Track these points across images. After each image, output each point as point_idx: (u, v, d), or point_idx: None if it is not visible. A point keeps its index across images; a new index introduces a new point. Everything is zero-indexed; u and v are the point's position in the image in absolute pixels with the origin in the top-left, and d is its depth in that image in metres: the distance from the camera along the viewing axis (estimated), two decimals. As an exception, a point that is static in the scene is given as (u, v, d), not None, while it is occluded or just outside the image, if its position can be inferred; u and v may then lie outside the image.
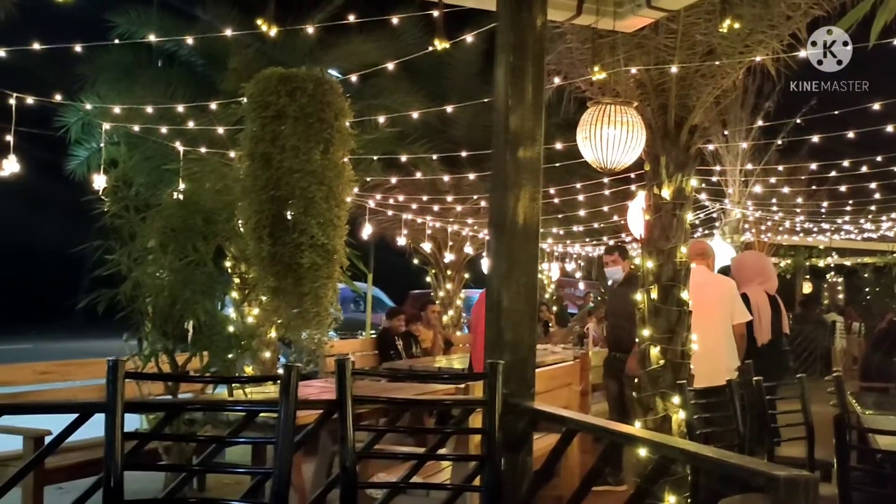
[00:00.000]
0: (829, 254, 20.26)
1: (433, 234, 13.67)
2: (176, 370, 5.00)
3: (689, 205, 6.35)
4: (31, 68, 7.51)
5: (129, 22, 9.55)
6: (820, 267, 21.82)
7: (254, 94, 3.83)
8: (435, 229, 13.59)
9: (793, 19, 5.79)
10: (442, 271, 14.34)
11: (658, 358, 6.11)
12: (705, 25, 5.64)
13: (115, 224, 5.07)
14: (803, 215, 13.13)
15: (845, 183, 10.61)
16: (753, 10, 5.60)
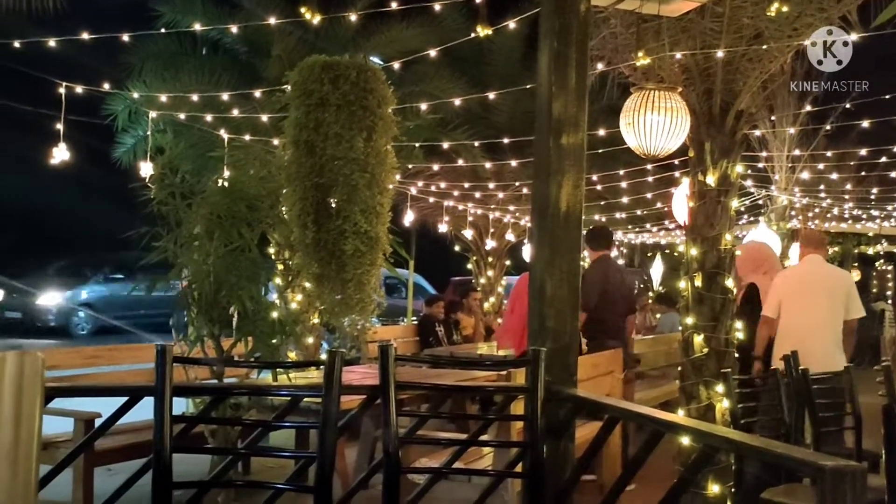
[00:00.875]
0: (879, 241, 19.83)
1: (475, 220, 13.66)
2: (221, 355, 5.07)
3: (734, 191, 6.27)
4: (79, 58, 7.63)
5: (174, 10, 9.65)
6: (869, 255, 21.37)
7: (297, 82, 3.85)
8: (476, 216, 13.57)
9: (843, 2, 5.67)
10: (483, 258, 14.33)
11: (701, 346, 6.06)
12: (752, 9, 5.55)
13: (162, 211, 5.15)
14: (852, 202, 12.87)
15: (895, 169, 10.38)
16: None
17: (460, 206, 12.89)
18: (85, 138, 8.49)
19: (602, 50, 6.65)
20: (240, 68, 9.60)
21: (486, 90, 8.51)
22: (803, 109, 9.87)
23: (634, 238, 19.97)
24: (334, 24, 8.84)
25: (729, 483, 4.95)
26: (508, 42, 10.53)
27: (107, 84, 8.36)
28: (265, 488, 3.32)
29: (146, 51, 9.40)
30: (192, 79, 8.99)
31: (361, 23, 9.22)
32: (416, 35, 9.56)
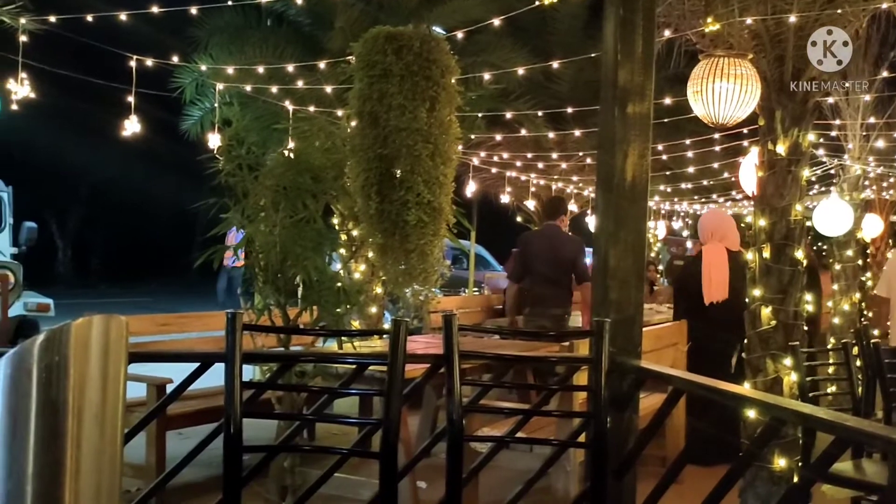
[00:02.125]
0: (958, 212, 19.14)
1: (537, 191, 13.58)
2: (287, 324, 5.18)
3: (805, 161, 6.11)
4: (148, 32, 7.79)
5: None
6: (947, 226, 20.65)
7: (361, 54, 3.87)
8: (539, 187, 13.49)
9: (924, -37, 5.45)
10: (545, 229, 14.24)
11: (769, 318, 5.95)
12: (827, -28, 5.36)
13: (229, 182, 5.25)
14: (929, 171, 12.43)
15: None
16: (880, -46, 5.29)
17: (522, 177, 12.83)
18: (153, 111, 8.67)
19: (669, 17, 6.50)
20: (303, 40, 9.66)
21: (549, 59, 8.41)
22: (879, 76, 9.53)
23: (700, 209, 19.62)
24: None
25: (796, 457, 4.89)
26: (571, 10, 10.37)
27: (174, 58, 8.52)
28: (332, 454, 3.39)
29: (212, 24, 9.51)
30: (257, 51, 9.08)
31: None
32: (477, 4, 9.47)
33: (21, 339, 8.35)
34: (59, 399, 1.06)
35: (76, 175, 28.67)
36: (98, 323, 1.11)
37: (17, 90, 6.39)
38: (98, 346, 1.11)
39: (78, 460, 1.07)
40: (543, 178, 13.09)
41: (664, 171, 11.83)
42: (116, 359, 1.13)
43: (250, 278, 5.36)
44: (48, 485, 1.06)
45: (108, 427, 1.10)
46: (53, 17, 6.19)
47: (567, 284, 7.89)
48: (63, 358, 1.06)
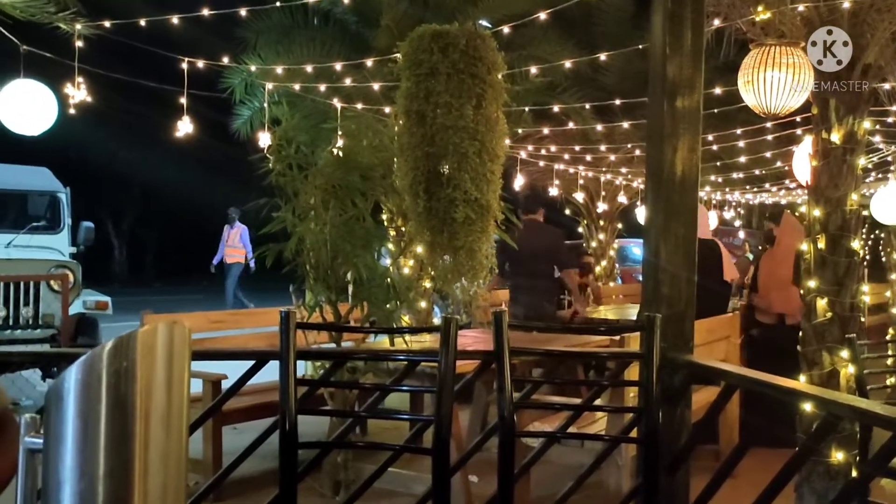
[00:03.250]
0: None
1: (585, 183, 13.50)
2: (339, 320, 5.24)
3: (860, 149, 5.98)
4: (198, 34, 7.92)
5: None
6: None
7: (407, 53, 3.89)
8: (587, 179, 13.41)
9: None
10: (594, 221, 14.18)
11: (825, 310, 5.85)
12: (881, -44, 5.24)
13: (280, 182, 5.33)
14: None
15: None
16: (937, -65, 5.16)
17: (571, 169, 12.76)
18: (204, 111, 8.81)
19: (718, 6, 6.42)
20: (350, 39, 9.74)
21: (596, 51, 8.35)
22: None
23: (752, 199, 19.32)
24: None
25: (854, 452, 4.80)
26: (617, 1, 10.29)
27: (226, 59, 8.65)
28: (385, 449, 3.43)
29: (261, 25, 9.64)
30: (304, 51, 9.18)
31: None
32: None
33: (81, 336, 8.62)
34: (128, 402, 1.11)
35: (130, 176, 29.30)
36: (162, 330, 1.15)
37: (74, 94, 6.54)
38: (163, 351, 1.15)
39: (146, 461, 1.12)
40: (592, 170, 13.01)
41: (715, 161, 11.67)
42: (180, 363, 1.18)
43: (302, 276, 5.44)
44: (118, 485, 1.11)
45: (173, 429, 1.15)
46: (108, 21, 6.33)
47: (548, 274, 8.24)
48: (131, 363, 1.10)
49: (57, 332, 8.01)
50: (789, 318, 7.24)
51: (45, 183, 10.33)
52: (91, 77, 6.90)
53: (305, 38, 9.47)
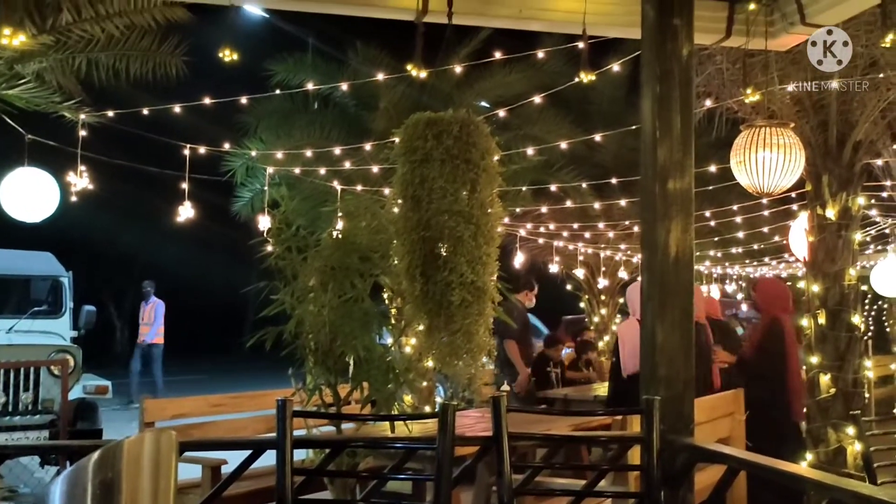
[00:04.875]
0: None
1: (585, 259, 13.55)
2: (339, 402, 5.20)
3: (855, 224, 6.05)
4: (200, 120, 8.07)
5: (287, 69, 10.08)
6: None
7: (402, 140, 3.95)
8: (587, 255, 13.46)
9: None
10: (595, 297, 14.18)
11: (828, 386, 5.84)
12: (866, 37, 5.39)
13: (279, 265, 5.35)
14: None
15: None
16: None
17: (570, 246, 12.83)
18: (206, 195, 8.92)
19: (709, 86, 6.56)
20: (349, 122, 9.92)
21: (591, 130, 8.50)
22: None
23: (753, 272, 19.33)
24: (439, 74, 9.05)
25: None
26: (612, 80, 10.49)
27: (227, 142, 8.80)
28: (383, 538, 3.37)
29: (261, 109, 9.83)
30: (305, 133, 9.35)
31: (465, 70, 9.40)
32: (519, 79, 9.66)
33: (81, 421, 8.55)
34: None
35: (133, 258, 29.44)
36: (149, 439, 1.16)
37: (76, 182, 6.63)
38: (149, 461, 1.15)
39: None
40: (591, 247, 13.07)
41: (713, 236, 11.73)
42: (167, 472, 1.18)
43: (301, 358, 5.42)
44: None
45: (157, 541, 1.14)
46: (111, 111, 6.46)
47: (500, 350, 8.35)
48: (116, 474, 1.10)
49: (56, 417, 7.95)
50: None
51: (47, 267, 10.38)
52: (94, 163, 7.01)
53: (305, 122, 9.65)
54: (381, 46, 10.00)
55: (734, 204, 10.07)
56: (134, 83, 6.55)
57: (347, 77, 9.42)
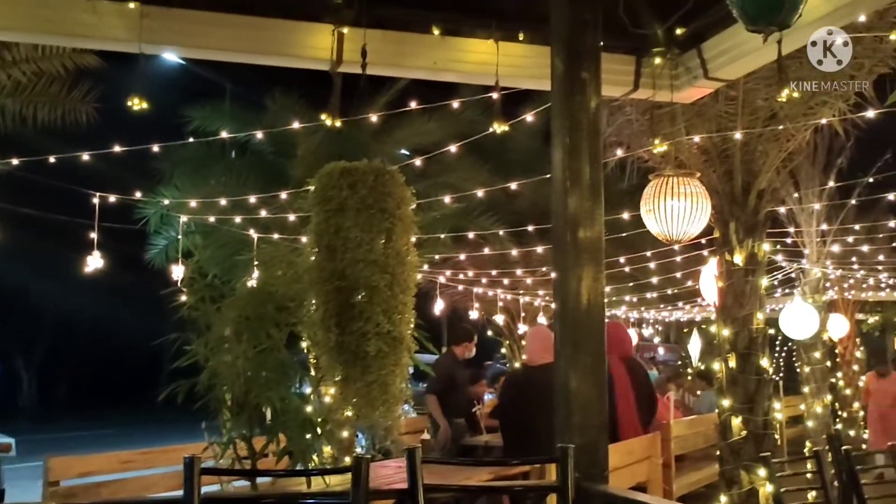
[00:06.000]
0: (921, 308, 19.44)
1: (506, 305, 13.64)
2: (253, 455, 5.07)
3: (761, 270, 6.24)
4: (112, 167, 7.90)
5: (204, 116, 9.98)
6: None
7: (317, 189, 3.94)
8: (507, 301, 13.56)
9: (856, 78, 5.73)
10: (516, 342, 14.26)
11: (740, 429, 5.95)
12: (766, 90, 5.63)
13: (192, 315, 5.23)
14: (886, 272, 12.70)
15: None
16: (814, 73, 5.56)
17: (490, 292, 12.91)
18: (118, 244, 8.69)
19: (620, 135, 6.75)
20: (267, 169, 9.84)
21: (509, 177, 8.62)
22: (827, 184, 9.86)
23: (668, 315, 19.77)
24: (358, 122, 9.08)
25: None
26: (528, 130, 10.70)
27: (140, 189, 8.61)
28: None
29: (177, 156, 9.69)
30: (221, 181, 9.24)
31: (385, 118, 9.45)
32: (437, 128, 9.77)
33: (-21, 483, 8.09)
34: None
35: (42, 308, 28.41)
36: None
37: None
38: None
39: None
40: (510, 293, 13.19)
41: (629, 280, 11.97)
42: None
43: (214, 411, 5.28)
44: None
45: None
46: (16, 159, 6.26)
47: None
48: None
49: (-47, 478, 7.55)
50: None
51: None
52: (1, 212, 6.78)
53: (222, 169, 9.55)
54: (300, 93, 10.00)
55: (648, 250, 10.29)
56: (42, 129, 6.38)
57: (266, 124, 9.38)
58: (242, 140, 9.83)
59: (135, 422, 16.36)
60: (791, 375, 15.39)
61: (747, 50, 4.15)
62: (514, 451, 5.80)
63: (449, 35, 4.37)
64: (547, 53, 3.81)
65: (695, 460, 8.96)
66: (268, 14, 4.17)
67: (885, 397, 10.55)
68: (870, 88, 5.94)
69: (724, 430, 6.00)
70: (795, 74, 5.35)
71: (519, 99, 6.79)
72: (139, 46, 3.96)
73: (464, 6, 4.30)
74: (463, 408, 8.92)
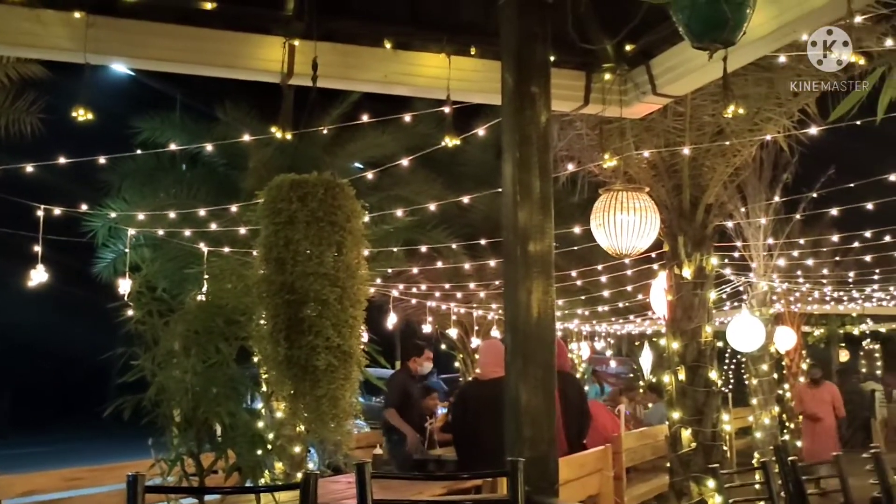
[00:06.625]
0: (864, 321, 19.89)
1: (459, 318, 13.64)
2: (201, 472, 4.99)
3: (710, 283, 6.34)
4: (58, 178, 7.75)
5: (153, 127, 9.84)
6: (855, 335, 21.38)
7: (266, 201, 3.90)
8: (460, 314, 13.56)
9: (800, 95, 5.87)
10: (470, 356, 14.27)
11: (689, 441, 6.02)
12: (713, 107, 5.73)
13: (140, 329, 5.14)
14: (831, 285, 12.99)
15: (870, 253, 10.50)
16: (759, 90, 5.69)
17: (443, 306, 12.90)
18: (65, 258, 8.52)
19: (571, 150, 6.82)
20: (218, 181, 9.73)
21: (462, 191, 8.65)
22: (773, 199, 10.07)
23: (621, 328, 19.96)
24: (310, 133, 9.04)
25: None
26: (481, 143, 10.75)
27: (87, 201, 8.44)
28: None
29: (125, 168, 9.54)
30: (171, 193, 9.11)
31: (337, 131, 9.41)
32: (391, 141, 9.76)
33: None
34: None
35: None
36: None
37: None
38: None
39: None
40: (463, 307, 13.19)
41: (581, 294, 12.06)
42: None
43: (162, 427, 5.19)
44: None
45: None
46: (-42, 170, 6.11)
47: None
48: None
49: None
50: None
51: None
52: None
53: (172, 181, 9.42)
54: (252, 105, 9.91)
55: (600, 263, 10.39)
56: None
57: (217, 135, 9.28)
58: (193, 152, 9.71)
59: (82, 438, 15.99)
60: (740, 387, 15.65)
61: (694, 67, 4.22)
62: (467, 465, 5.79)
63: (400, 49, 4.37)
64: (498, 68, 3.83)
65: (645, 472, 9.04)
66: (217, 26, 4.13)
67: (817, 406, 10.72)
68: (813, 105, 6.09)
69: (674, 441, 6.07)
70: (741, 91, 5.47)
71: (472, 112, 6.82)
72: (84, 56, 3.89)
73: (416, 20, 4.30)
74: (417, 423, 8.90)
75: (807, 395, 10.78)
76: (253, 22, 4.16)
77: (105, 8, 3.93)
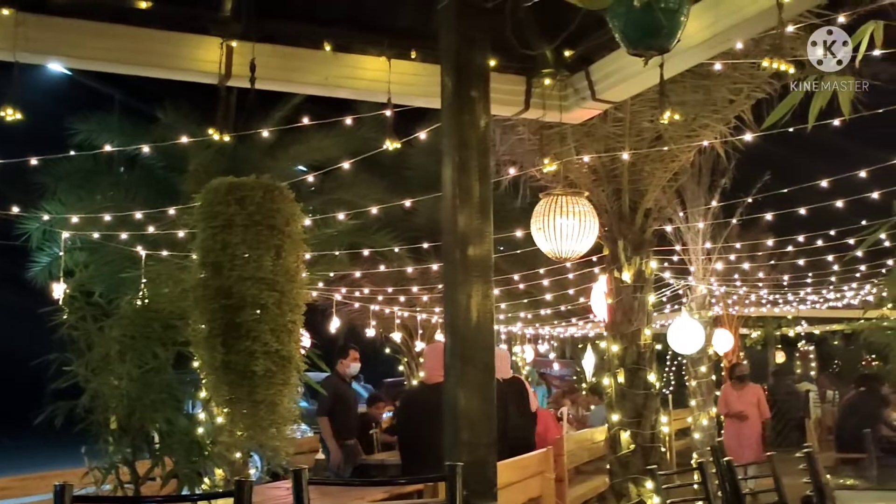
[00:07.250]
0: (799, 323, 20.39)
1: (403, 322, 13.60)
2: (136, 480, 4.89)
3: (649, 287, 6.42)
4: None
5: (90, 128, 9.63)
6: (790, 336, 21.91)
7: (203, 204, 3.84)
8: (404, 318, 13.53)
9: (736, 103, 6.00)
10: (414, 359, 14.24)
11: (628, 443, 6.09)
12: (651, 113, 5.82)
13: (73, 335, 5.02)
14: (766, 288, 13.28)
15: (803, 257, 10.78)
16: (696, 97, 5.79)
17: (387, 309, 12.86)
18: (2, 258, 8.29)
19: (513, 154, 6.85)
20: (157, 184, 9.57)
21: (406, 194, 8.63)
22: (711, 204, 10.27)
23: (564, 331, 20.13)
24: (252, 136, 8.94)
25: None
26: (426, 145, 10.74)
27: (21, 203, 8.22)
28: None
29: (60, 169, 9.31)
30: (109, 195, 8.92)
31: (279, 133, 9.32)
32: (334, 144, 9.69)
33: None
34: None
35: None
36: None
37: None
38: None
39: None
40: (407, 310, 13.17)
41: (524, 297, 12.13)
42: None
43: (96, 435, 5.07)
44: None
45: None
46: None
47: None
48: None
49: None
50: None
51: None
52: None
53: (109, 183, 9.22)
54: (191, 105, 9.75)
55: (543, 267, 10.46)
56: None
57: (156, 137, 9.10)
58: (131, 154, 9.52)
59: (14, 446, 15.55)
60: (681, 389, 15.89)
61: (632, 73, 4.28)
62: (411, 470, 5.77)
63: (341, 51, 4.35)
64: (438, 72, 3.84)
65: (586, 473, 9.13)
66: (153, 25, 4.06)
67: (743, 406, 10.84)
68: (748, 112, 6.22)
69: (614, 443, 6.13)
70: (679, 98, 5.57)
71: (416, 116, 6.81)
72: (14, 55, 3.79)
73: (355, 22, 4.29)
74: (355, 428, 8.83)
75: (732, 396, 10.90)
76: (190, 22, 4.10)
77: (36, 6, 3.83)
